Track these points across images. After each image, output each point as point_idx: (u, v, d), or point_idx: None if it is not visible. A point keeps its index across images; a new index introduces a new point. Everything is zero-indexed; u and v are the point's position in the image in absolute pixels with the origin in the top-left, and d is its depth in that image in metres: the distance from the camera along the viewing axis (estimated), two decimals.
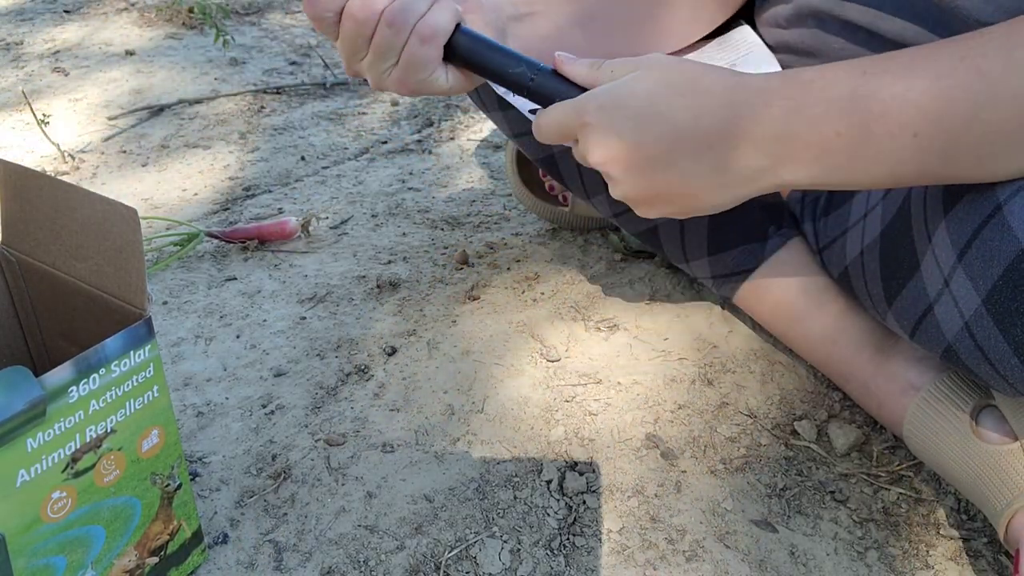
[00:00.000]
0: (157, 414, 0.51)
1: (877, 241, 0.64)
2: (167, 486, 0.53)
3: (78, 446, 0.46)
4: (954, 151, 0.47)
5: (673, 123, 0.49)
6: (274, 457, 0.69)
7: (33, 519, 0.45)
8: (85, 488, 0.47)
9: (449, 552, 0.60)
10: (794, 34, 0.71)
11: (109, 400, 0.47)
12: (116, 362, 0.47)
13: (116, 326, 0.48)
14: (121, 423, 0.48)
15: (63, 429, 0.45)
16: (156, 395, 0.50)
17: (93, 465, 0.47)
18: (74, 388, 0.45)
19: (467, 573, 0.59)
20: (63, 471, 0.46)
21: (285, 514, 0.63)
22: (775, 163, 0.49)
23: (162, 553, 0.55)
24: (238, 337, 0.85)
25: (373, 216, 1.10)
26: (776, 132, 0.48)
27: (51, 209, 0.53)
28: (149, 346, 0.49)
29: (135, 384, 0.48)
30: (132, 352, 0.48)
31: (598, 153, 0.51)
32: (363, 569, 0.59)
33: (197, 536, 0.57)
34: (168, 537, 0.55)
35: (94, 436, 0.47)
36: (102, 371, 0.46)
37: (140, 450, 0.50)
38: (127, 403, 0.48)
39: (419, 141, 1.34)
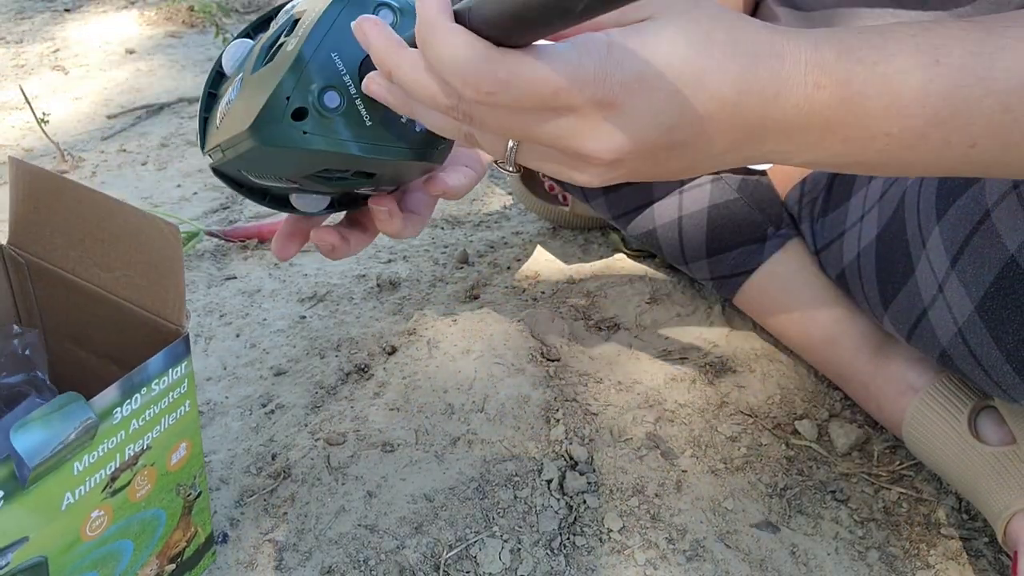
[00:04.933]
0: (186, 428, 0.51)
1: (873, 244, 0.64)
2: (189, 495, 0.53)
3: (118, 465, 0.46)
4: (1006, 162, 0.40)
5: (713, 100, 0.38)
6: (274, 456, 0.69)
7: (74, 539, 0.45)
8: (120, 505, 0.47)
9: (449, 552, 0.60)
10: None
11: (148, 418, 0.47)
12: (157, 380, 0.47)
13: (145, 338, 0.47)
14: (156, 439, 0.48)
15: (107, 450, 0.44)
16: (187, 409, 0.50)
17: (129, 482, 0.47)
18: (119, 409, 0.44)
19: (467, 573, 0.59)
20: (103, 490, 0.45)
21: (285, 513, 0.63)
22: (800, 149, 0.40)
23: (179, 559, 0.55)
24: (238, 336, 0.85)
25: None
26: (818, 120, 0.39)
27: (74, 216, 0.52)
28: (185, 362, 0.48)
29: (171, 401, 0.48)
30: (171, 369, 0.47)
31: (616, 143, 0.38)
32: (363, 569, 0.59)
33: (210, 540, 0.57)
34: (186, 544, 0.55)
35: (132, 454, 0.47)
36: (144, 390, 0.46)
37: (169, 464, 0.50)
38: (162, 419, 0.48)
39: None
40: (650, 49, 0.37)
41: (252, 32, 0.52)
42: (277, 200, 0.52)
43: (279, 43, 0.46)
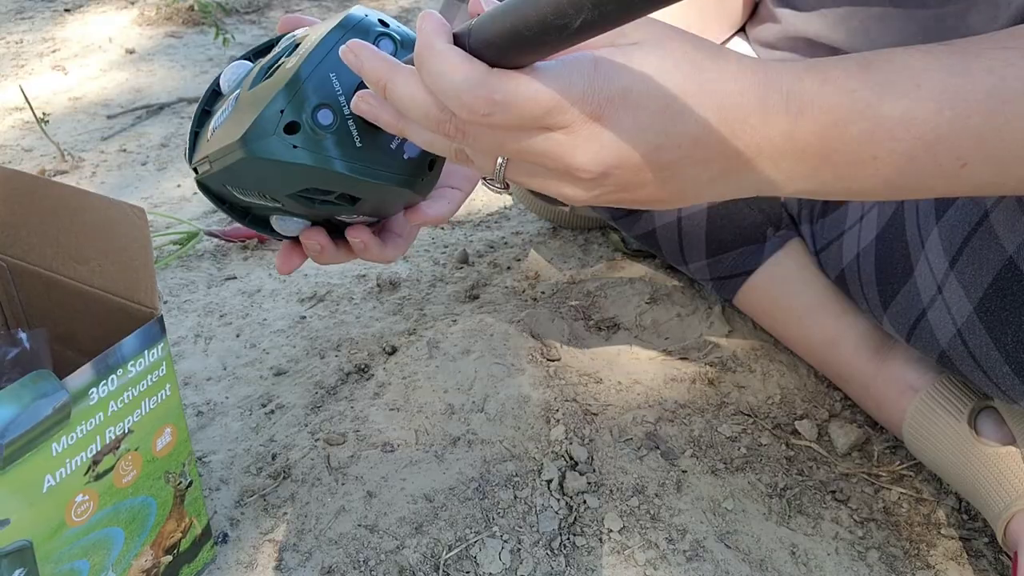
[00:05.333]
0: (169, 412, 0.51)
1: (872, 245, 0.65)
2: (179, 484, 0.53)
3: (99, 448, 0.46)
4: (1000, 183, 0.41)
5: (699, 123, 0.39)
6: (274, 456, 0.69)
7: (59, 524, 0.45)
8: (105, 490, 0.47)
9: (449, 552, 0.60)
10: (785, 56, 0.71)
11: (126, 400, 0.47)
12: (132, 362, 0.47)
13: (122, 326, 0.48)
14: (137, 423, 0.48)
15: (85, 431, 0.45)
16: (168, 393, 0.50)
17: (113, 466, 0.47)
18: (94, 390, 0.45)
19: (467, 573, 0.59)
20: (85, 474, 0.46)
21: (285, 513, 0.63)
22: (791, 177, 0.41)
23: (175, 551, 0.55)
24: (238, 336, 0.85)
25: None
26: (805, 147, 0.39)
27: (48, 212, 0.53)
28: (161, 344, 0.49)
29: (149, 383, 0.49)
30: (147, 351, 0.48)
31: (603, 157, 0.39)
32: (363, 569, 0.59)
33: (206, 532, 0.58)
34: (181, 535, 0.55)
35: (113, 437, 0.47)
36: (119, 371, 0.46)
37: (155, 449, 0.51)
38: (142, 403, 0.48)
39: None
40: (637, 67, 0.38)
41: (252, 57, 0.52)
42: (258, 220, 0.53)
43: (279, 63, 0.46)
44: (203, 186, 0.51)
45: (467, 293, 0.91)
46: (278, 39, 0.52)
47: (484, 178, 0.44)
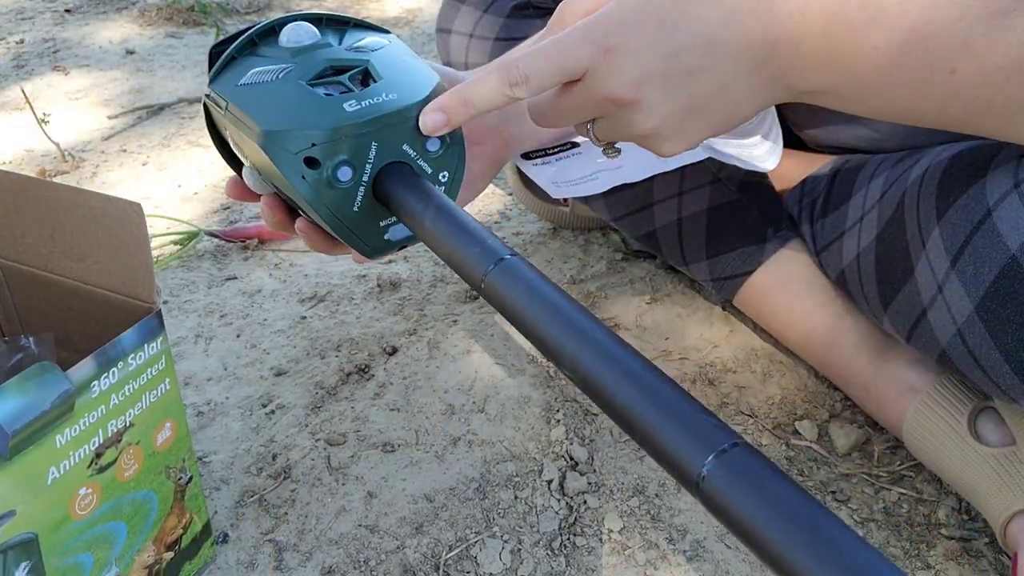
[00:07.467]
0: (169, 406, 0.51)
1: (872, 245, 0.64)
2: (180, 479, 0.54)
3: (101, 441, 0.46)
4: (987, 99, 0.43)
5: (706, 22, 0.43)
6: (274, 457, 0.69)
7: (63, 517, 0.45)
8: (108, 484, 0.48)
9: (449, 552, 0.60)
10: None
11: (127, 393, 0.47)
12: (132, 355, 0.47)
13: (120, 323, 0.48)
14: (138, 416, 0.49)
15: (88, 424, 0.45)
16: (168, 388, 0.51)
17: (115, 460, 0.48)
18: (96, 382, 0.45)
19: (467, 573, 0.59)
20: (88, 467, 0.46)
21: (285, 514, 0.63)
22: (813, 64, 0.44)
23: (177, 547, 0.55)
24: (238, 336, 0.85)
25: None
26: (816, 32, 0.43)
27: (42, 212, 0.53)
28: (160, 339, 0.49)
29: (149, 377, 0.49)
30: (146, 345, 0.48)
31: (629, 77, 0.44)
32: (363, 569, 0.59)
33: (207, 529, 0.58)
34: (182, 531, 0.55)
35: (115, 430, 0.47)
36: (120, 364, 0.46)
37: (156, 443, 0.51)
38: (143, 396, 0.49)
39: None
40: (622, 3, 0.44)
41: (320, 22, 0.51)
42: (233, 158, 0.55)
43: (342, 81, 0.47)
44: (207, 108, 0.52)
45: (467, 293, 0.91)
46: (353, 21, 0.52)
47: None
